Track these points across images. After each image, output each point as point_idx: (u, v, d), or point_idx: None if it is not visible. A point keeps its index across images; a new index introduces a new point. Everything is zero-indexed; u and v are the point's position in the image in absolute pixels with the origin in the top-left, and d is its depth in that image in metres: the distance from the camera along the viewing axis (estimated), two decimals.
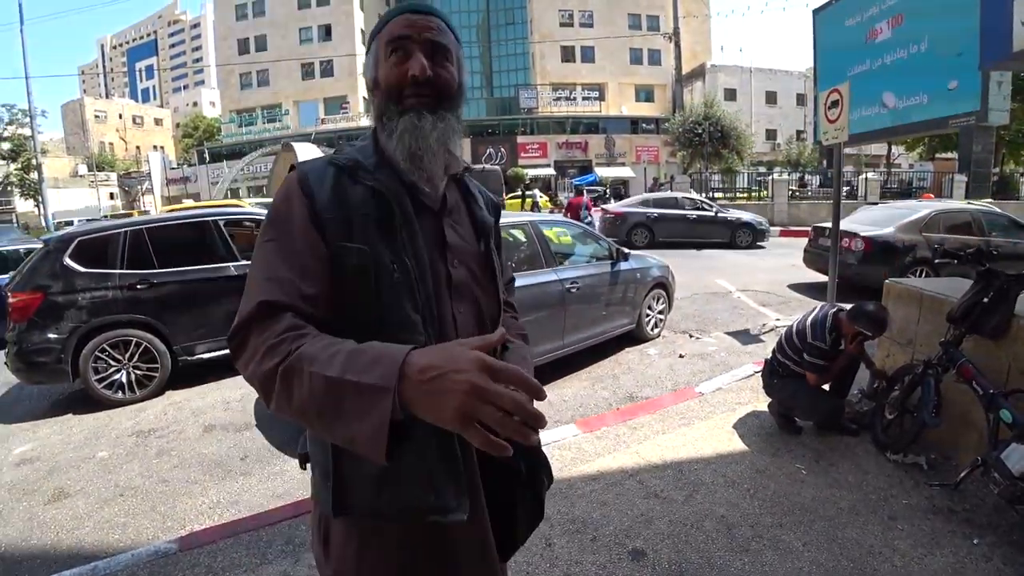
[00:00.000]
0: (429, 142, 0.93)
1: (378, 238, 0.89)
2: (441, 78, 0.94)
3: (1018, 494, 2.21)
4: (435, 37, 0.94)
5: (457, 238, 1.00)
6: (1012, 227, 8.12)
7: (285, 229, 0.88)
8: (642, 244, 12.74)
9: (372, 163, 0.95)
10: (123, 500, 2.98)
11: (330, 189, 0.90)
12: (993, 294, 2.69)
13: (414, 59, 0.92)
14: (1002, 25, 4.51)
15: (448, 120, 0.95)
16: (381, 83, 0.96)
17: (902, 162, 32.67)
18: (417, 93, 0.92)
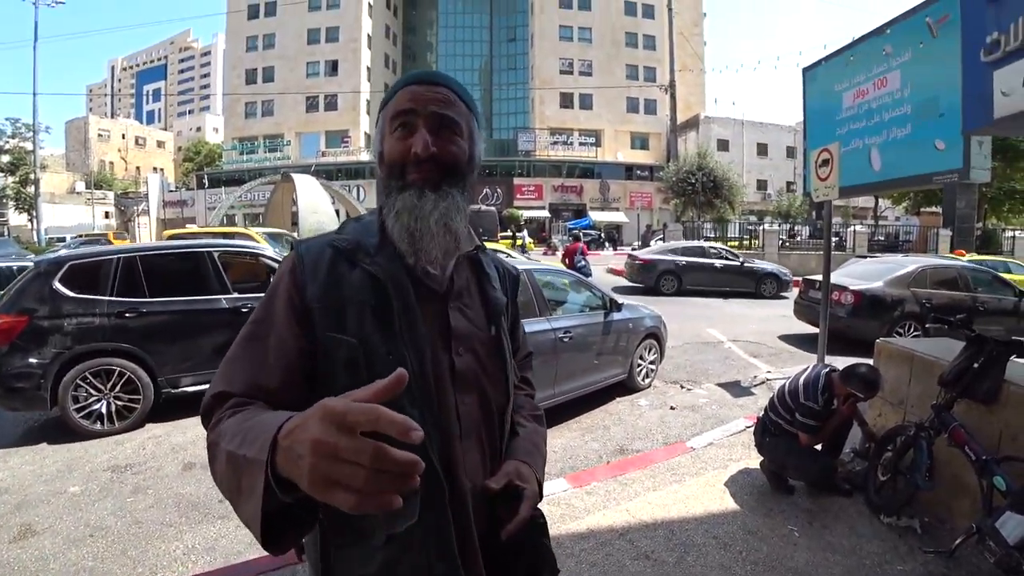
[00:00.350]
0: (428, 223, 0.87)
1: (374, 328, 0.85)
2: (447, 153, 0.90)
3: (1014, 565, 2.18)
4: (442, 110, 0.90)
5: (465, 323, 0.95)
6: (996, 283, 8.27)
7: (266, 316, 0.87)
8: (670, 291, 13.01)
9: (374, 244, 0.91)
10: (92, 541, 2.85)
11: (325, 276, 0.87)
12: (984, 359, 2.71)
13: (417, 135, 0.88)
14: (983, 94, 4.70)
15: (451, 198, 0.90)
16: (385, 158, 0.92)
17: (888, 215, 33.48)
18: (419, 170, 0.88)
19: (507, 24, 54.05)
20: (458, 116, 0.92)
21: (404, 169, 0.89)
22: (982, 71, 4.90)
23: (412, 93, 0.90)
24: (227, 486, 0.68)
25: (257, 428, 0.65)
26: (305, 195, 17.35)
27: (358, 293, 0.86)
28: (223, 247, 5.38)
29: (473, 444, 0.91)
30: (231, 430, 0.70)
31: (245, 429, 0.68)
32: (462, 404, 0.91)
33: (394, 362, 0.82)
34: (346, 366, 0.83)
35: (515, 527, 0.88)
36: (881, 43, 6.37)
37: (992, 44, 4.79)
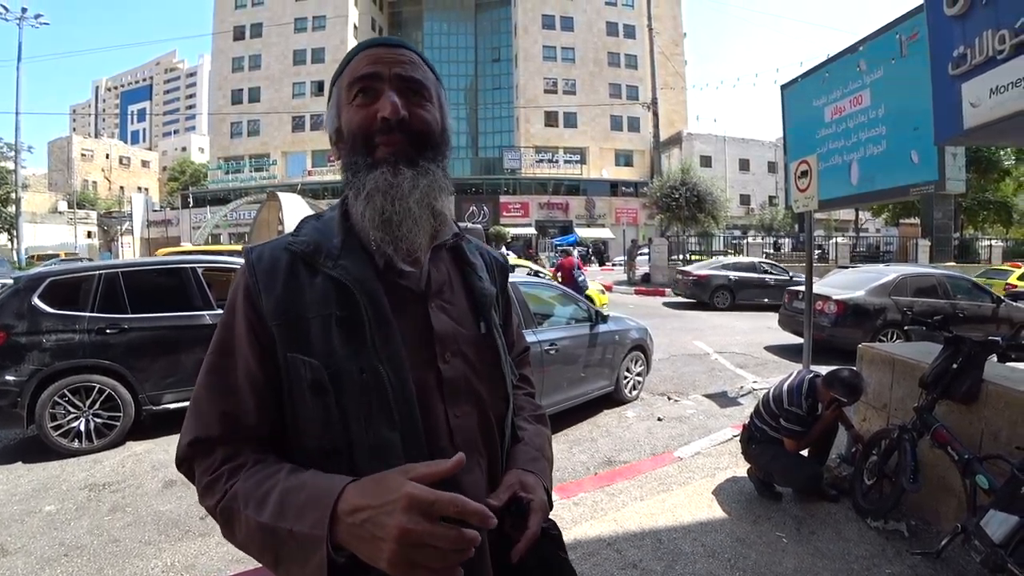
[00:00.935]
0: (408, 204, 0.75)
1: (342, 342, 0.73)
2: (418, 118, 0.78)
3: (1000, 562, 2.18)
4: (408, 72, 0.79)
5: (449, 323, 0.82)
6: (975, 290, 8.45)
7: (225, 344, 0.77)
8: (724, 306, 13.31)
9: (336, 245, 0.78)
10: (67, 560, 2.76)
11: (281, 287, 0.76)
12: (962, 360, 2.76)
13: (383, 98, 0.76)
14: (953, 106, 4.85)
15: (432, 174, 0.78)
16: (345, 131, 0.79)
17: (869, 227, 34.14)
18: (390, 140, 0.76)
19: (491, 44, 54.80)
20: (426, 80, 0.81)
21: (370, 140, 0.77)
22: (951, 84, 5.07)
23: (373, 56, 0.79)
24: (259, 551, 0.68)
25: (298, 497, 0.65)
26: (291, 213, 17.31)
27: (321, 303, 0.75)
28: (206, 263, 5.32)
29: (471, 461, 0.78)
30: (252, 496, 0.67)
31: (279, 496, 0.65)
32: (454, 417, 0.79)
33: (368, 380, 0.73)
34: (312, 388, 0.73)
35: (526, 544, 0.77)
36: (855, 60, 6.56)
37: (959, 58, 4.96)
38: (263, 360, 0.75)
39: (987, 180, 22.90)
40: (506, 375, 0.89)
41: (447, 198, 0.82)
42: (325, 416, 0.73)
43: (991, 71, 4.55)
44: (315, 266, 0.77)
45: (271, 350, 0.75)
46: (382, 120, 0.76)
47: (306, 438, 0.75)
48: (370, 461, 0.71)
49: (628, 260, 21.19)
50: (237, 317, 0.77)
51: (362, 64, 0.79)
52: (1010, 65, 4.34)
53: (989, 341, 2.80)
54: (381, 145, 0.77)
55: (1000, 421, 2.63)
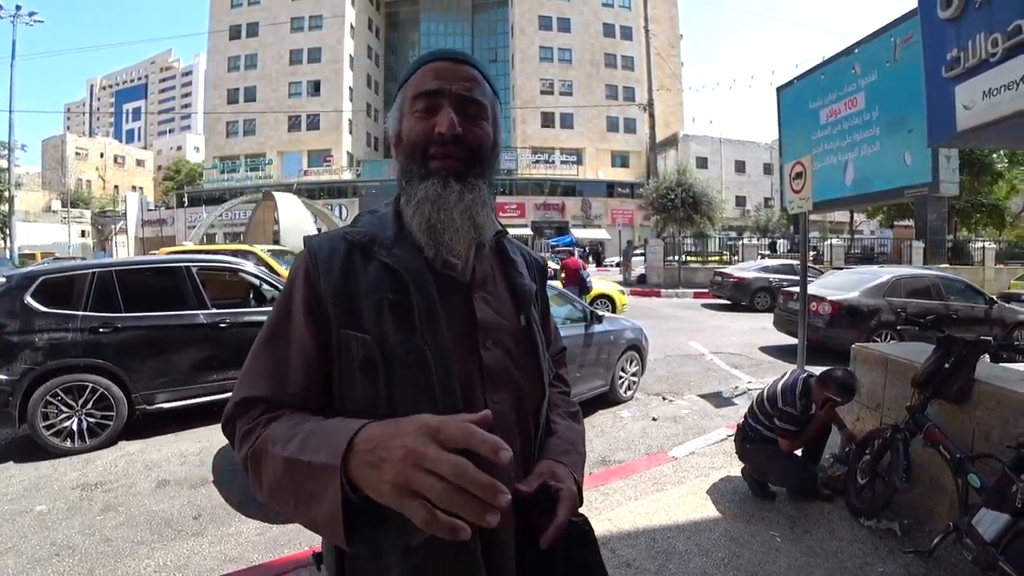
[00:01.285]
0: (452, 215, 0.81)
1: (392, 324, 0.78)
2: (473, 135, 0.83)
3: (991, 561, 2.20)
4: (468, 90, 0.84)
5: (491, 314, 0.87)
6: (968, 291, 8.50)
7: (282, 318, 0.82)
8: (763, 307, 13.12)
9: (390, 236, 0.84)
10: (58, 561, 2.75)
11: (339, 270, 0.82)
12: (954, 360, 2.77)
13: (442, 113, 0.81)
14: (946, 108, 4.89)
15: (478, 189, 0.84)
16: (403, 139, 0.85)
17: (864, 229, 34.29)
18: (444, 154, 0.82)
19: (488, 45, 54.86)
20: (484, 98, 0.86)
21: (426, 152, 0.83)
22: (944, 86, 5.11)
23: (437, 70, 0.84)
24: (283, 493, 0.68)
25: (320, 434, 0.66)
26: (287, 213, 17.27)
27: (375, 287, 0.80)
28: (201, 262, 5.30)
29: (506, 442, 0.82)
30: (281, 436, 0.70)
31: (304, 435, 0.68)
32: (492, 403, 0.82)
33: (415, 362, 0.77)
34: (363, 365, 0.77)
35: (554, 532, 0.77)
36: (850, 63, 6.60)
37: (953, 60, 5.00)
38: (317, 337, 0.79)
39: (980, 183, 23.05)
40: (543, 368, 0.92)
41: (489, 211, 0.87)
42: (372, 394, 0.77)
43: (984, 74, 4.58)
44: (370, 254, 0.82)
45: (325, 329, 0.79)
46: (438, 135, 0.81)
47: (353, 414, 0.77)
48: None
49: (624, 261, 21.21)
50: (295, 297, 0.82)
51: (427, 78, 0.84)
52: (1003, 68, 4.38)
53: (981, 341, 2.82)
54: (435, 158, 0.82)
55: (992, 420, 2.65)
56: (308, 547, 2.82)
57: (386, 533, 0.71)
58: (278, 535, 2.98)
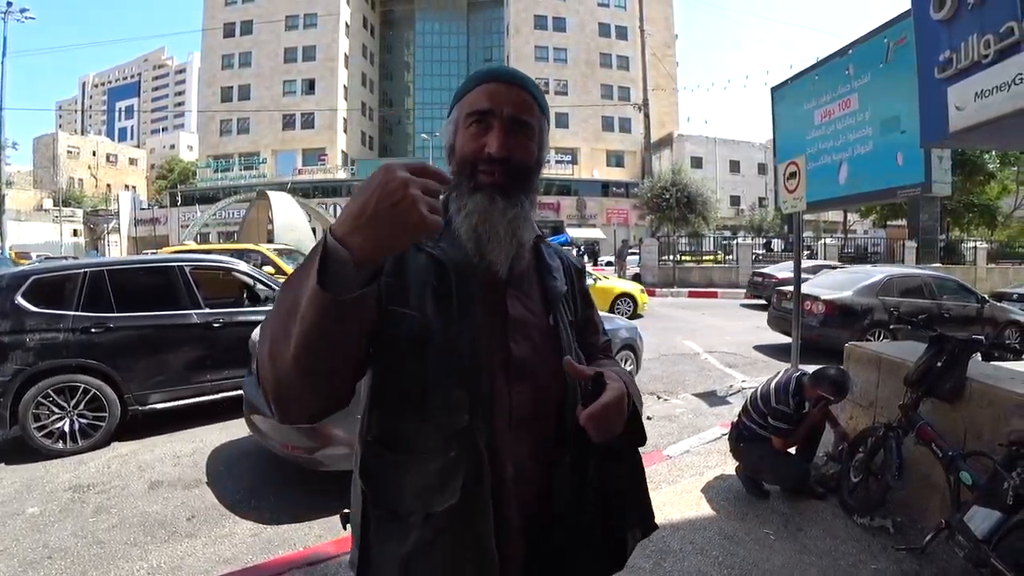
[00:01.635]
0: (497, 228, 0.88)
1: (433, 308, 0.86)
2: (518, 156, 0.90)
3: (983, 557, 2.22)
4: (518, 113, 0.90)
5: (522, 311, 0.94)
6: (960, 290, 8.57)
7: None
8: None
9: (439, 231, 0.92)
10: (51, 563, 2.73)
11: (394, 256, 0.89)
12: (946, 358, 2.79)
13: (492, 135, 0.88)
14: (938, 109, 4.93)
15: (521, 206, 0.91)
16: (456, 152, 0.93)
17: (857, 228, 34.49)
18: (491, 171, 0.89)
19: (484, 44, 54.87)
20: (532, 120, 0.92)
21: (475, 167, 0.90)
22: (937, 87, 5.14)
23: (491, 92, 0.90)
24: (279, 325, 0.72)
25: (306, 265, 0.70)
26: (281, 213, 17.20)
27: (422, 273, 0.88)
28: (194, 261, 5.27)
29: (524, 435, 0.90)
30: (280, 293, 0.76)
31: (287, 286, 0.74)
32: (515, 393, 0.89)
33: (448, 344, 0.85)
34: (407, 340, 0.85)
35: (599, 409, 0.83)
36: (844, 64, 6.63)
37: (945, 61, 5.03)
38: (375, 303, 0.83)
39: (972, 183, 23.21)
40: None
41: (530, 226, 0.95)
42: (417, 367, 0.85)
43: (976, 75, 4.61)
44: (419, 245, 0.89)
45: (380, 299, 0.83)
46: (487, 155, 0.88)
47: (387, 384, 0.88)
48: (440, 410, 0.84)
49: (618, 260, 21.26)
50: None
51: (481, 98, 0.91)
52: (995, 69, 4.41)
53: (973, 340, 2.84)
54: (483, 174, 0.90)
55: (983, 418, 2.67)
56: (303, 547, 2.82)
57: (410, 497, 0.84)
58: (272, 536, 2.97)
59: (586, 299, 1.13)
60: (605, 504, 0.99)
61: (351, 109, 48.21)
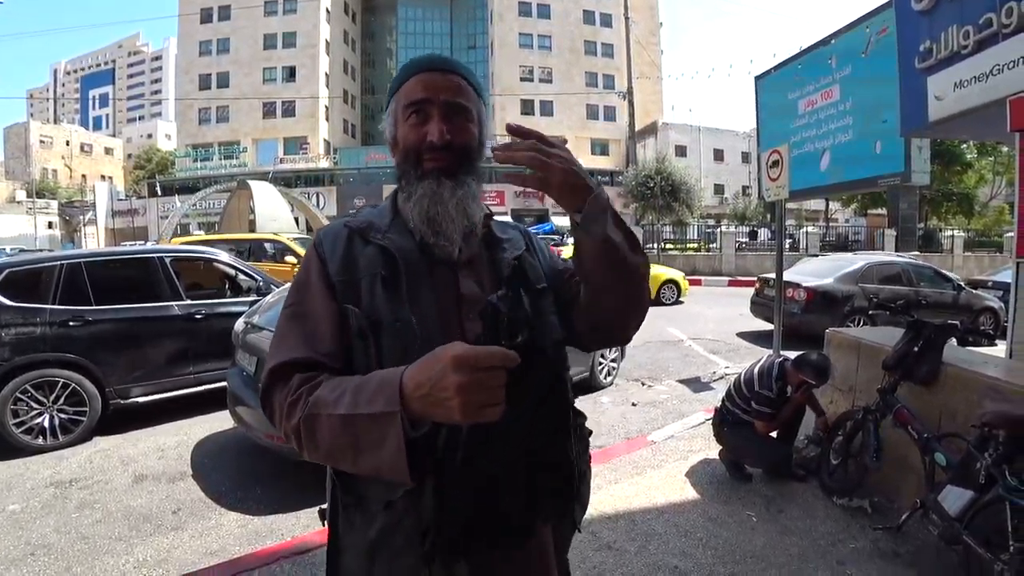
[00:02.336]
0: (448, 208, 0.92)
1: (383, 297, 0.89)
2: (460, 140, 0.94)
3: (956, 535, 2.29)
4: (454, 98, 0.93)
5: (475, 289, 0.96)
6: (937, 277, 8.76)
7: (303, 295, 0.94)
8: None
9: (386, 223, 0.97)
10: (34, 560, 2.69)
11: (342, 253, 0.94)
12: (922, 343, 2.86)
13: (432, 124, 0.92)
14: (918, 99, 5.00)
15: (467, 186, 0.95)
16: (400, 144, 0.96)
17: (839, 217, 34.97)
18: (435, 158, 0.92)
19: (467, 32, 54.24)
20: (468, 102, 0.96)
21: (420, 156, 0.93)
22: (917, 77, 5.22)
23: (425, 82, 0.93)
24: (343, 448, 0.78)
25: (368, 388, 0.76)
26: (263, 202, 16.95)
27: (371, 266, 0.92)
28: (174, 252, 5.19)
29: None
30: (329, 400, 0.78)
31: (352, 392, 0.77)
32: None
33: (401, 329, 0.87)
34: (358, 334, 0.89)
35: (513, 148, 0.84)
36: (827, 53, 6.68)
37: (926, 52, 5.10)
38: (334, 307, 0.90)
39: (950, 173, 23.66)
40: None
41: (478, 204, 0.98)
42: (366, 359, 0.88)
43: (955, 65, 4.69)
44: (367, 238, 0.94)
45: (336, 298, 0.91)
46: (429, 143, 0.92)
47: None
48: None
49: None
50: (311, 274, 0.94)
51: (416, 88, 0.93)
52: (973, 60, 4.48)
53: (948, 325, 2.91)
54: (428, 161, 0.93)
55: (957, 401, 2.74)
56: (291, 537, 2.82)
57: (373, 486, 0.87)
58: (259, 527, 2.96)
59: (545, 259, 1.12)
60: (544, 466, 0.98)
61: (333, 97, 47.47)
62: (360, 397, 0.75)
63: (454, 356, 0.68)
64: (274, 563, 2.54)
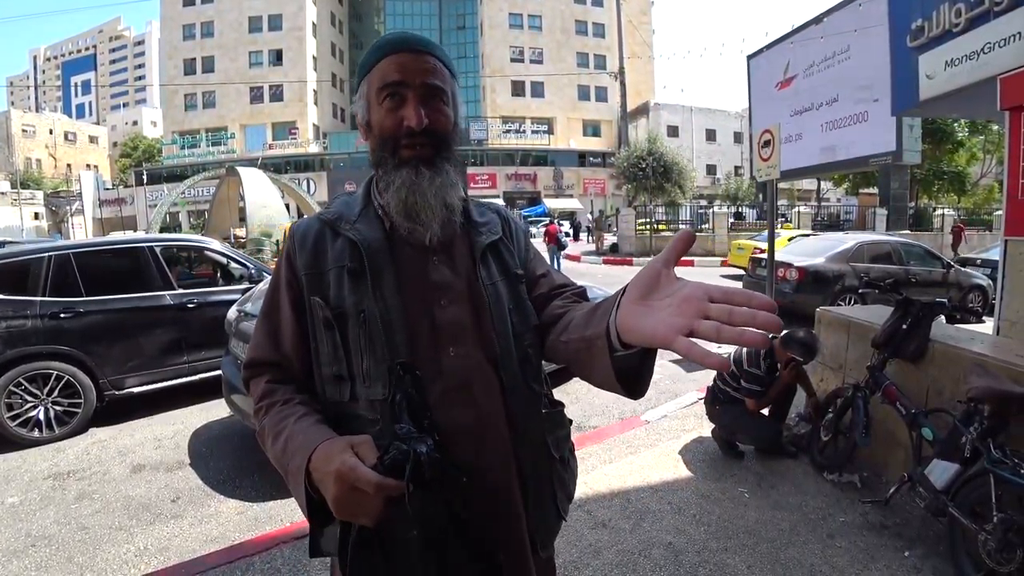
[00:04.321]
0: (427, 198, 0.90)
1: (350, 288, 0.90)
2: (438, 123, 0.91)
3: (942, 507, 2.35)
4: (430, 80, 0.90)
5: (448, 275, 0.95)
6: (927, 256, 8.83)
7: (272, 293, 0.98)
8: None
9: (356, 213, 0.96)
10: (35, 551, 2.71)
11: (311, 247, 0.95)
12: (911, 321, 2.90)
13: (409, 108, 0.89)
14: (910, 78, 4.99)
15: (446, 173, 0.92)
16: (375, 129, 0.93)
17: (831, 196, 35.07)
18: (412, 144, 0.90)
19: (456, 12, 53.32)
20: (444, 84, 0.93)
21: (397, 142, 0.90)
22: (908, 56, 5.20)
23: (399, 63, 0.89)
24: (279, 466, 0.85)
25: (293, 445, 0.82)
26: (253, 189, 16.74)
27: (338, 258, 0.92)
28: (165, 241, 5.14)
29: (460, 396, 0.90)
30: (272, 430, 0.87)
31: (285, 439, 0.84)
32: (448, 356, 0.90)
33: (365, 319, 0.88)
34: (324, 325, 0.90)
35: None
36: (819, 31, 6.64)
37: (917, 30, 5.09)
38: (295, 307, 0.94)
39: (941, 151, 23.66)
40: (496, 321, 0.95)
41: (456, 191, 0.95)
42: (332, 348, 0.90)
43: (947, 43, 4.67)
44: (337, 230, 0.94)
45: (301, 299, 0.93)
46: (407, 128, 0.89)
47: (323, 367, 0.92)
48: (362, 386, 0.89)
49: (596, 230, 21.29)
50: (281, 273, 0.97)
51: (391, 70, 0.90)
52: (964, 38, 4.47)
53: (936, 303, 2.95)
54: (405, 148, 0.91)
55: (944, 378, 2.79)
56: (290, 523, 2.85)
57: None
58: (258, 513, 2.99)
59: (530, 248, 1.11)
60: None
61: (321, 80, 46.76)
62: (288, 448, 0.82)
63: (336, 471, 0.71)
64: (274, 548, 2.57)
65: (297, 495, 0.80)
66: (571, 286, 1.09)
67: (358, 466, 0.70)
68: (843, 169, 7.96)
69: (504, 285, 0.99)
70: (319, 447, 0.77)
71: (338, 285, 0.91)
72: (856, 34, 6.12)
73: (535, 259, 1.10)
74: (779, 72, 6.75)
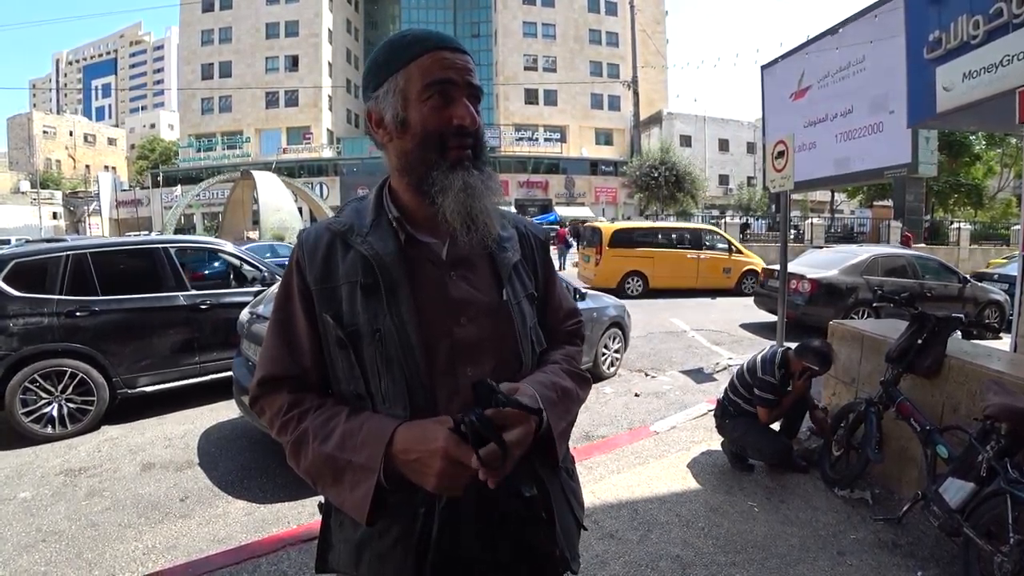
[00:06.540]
0: (485, 204, 0.87)
1: (363, 305, 0.86)
2: (481, 126, 0.90)
3: (956, 526, 2.30)
4: (475, 80, 0.89)
5: (468, 291, 0.90)
6: (942, 270, 8.71)
7: (283, 303, 0.93)
8: None
9: (367, 223, 0.90)
10: (45, 546, 2.74)
11: (321, 260, 0.90)
12: (926, 335, 2.86)
13: (461, 107, 0.86)
14: (927, 89, 4.95)
15: (492, 177, 0.90)
16: (414, 127, 0.86)
17: (844, 208, 34.77)
18: (461, 144, 0.86)
19: (470, 20, 53.69)
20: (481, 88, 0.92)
21: (444, 142, 0.86)
22: (925, 67, 5.16)
23: (445, 60, 0.86)
24: (319, 475, 0.84)
25: (357, 437, 0.80)
26: (266, 193, 16.95)
27: (350, 272, 0.88)
28: (179, 242, 5.21)
29: None
30: (319, 432, 0.83)
31: (341, 435, 0.81)
32: (465, 375, 0.87)
33: (381, 338, 0.85)
34: (337, 343, 0.88)
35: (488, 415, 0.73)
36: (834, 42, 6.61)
37: (934, 42, 5.04)
38: (310, 314, 0.90)
39: (958, 164, 23.41)
40: (522, 340, 0.94)
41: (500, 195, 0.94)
42: (348, 367, 0.88)
43: (965, 56, 4.63)
44: (348, 242, 0.90)
45: (313, 311, 0.90)
46: (459, 127, 0.86)
47: (340, 384, 0.90)
48: (383, 406, 0.86)
49: None
50: (292, 283, 0.92)
51: (436, 67, 0.86)
52: (983, 50, 4.43)
53: (952, 317, 2.90)
54: (454, 148, 0.86)
55: (960, 394, 2.74)
56: (297, 525, 2.85)
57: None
58: (266, 515, 3.00)
59: (547, 269, 1.08)
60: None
61: (336, 86, 47.24)
62: (348, 442, 0.80)
63: (443, 448, 0.73)
64: (280, 550, 2.57)
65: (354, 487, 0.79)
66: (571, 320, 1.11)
67: (461, 443, 0.73)
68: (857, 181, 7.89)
69: (526, 304, 0.98)
70: (399, 431, 0.78)
71: (351, 301, 0.87)
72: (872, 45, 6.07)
73: (550, 281, 1.08)
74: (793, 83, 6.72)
